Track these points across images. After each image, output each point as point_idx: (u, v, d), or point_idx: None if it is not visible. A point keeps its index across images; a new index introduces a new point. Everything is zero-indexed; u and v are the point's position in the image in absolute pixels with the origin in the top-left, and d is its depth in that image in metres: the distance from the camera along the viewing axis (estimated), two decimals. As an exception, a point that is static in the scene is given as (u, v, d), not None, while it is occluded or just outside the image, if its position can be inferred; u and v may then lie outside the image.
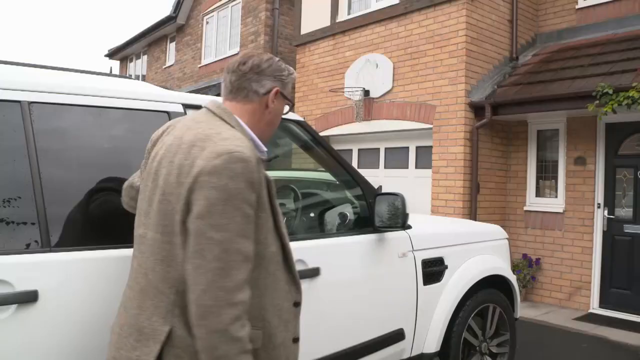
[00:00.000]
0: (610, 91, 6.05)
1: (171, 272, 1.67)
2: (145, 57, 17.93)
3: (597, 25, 7.81)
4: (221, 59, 13.20)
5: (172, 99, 2.60)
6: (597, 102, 6.16)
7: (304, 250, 2.71)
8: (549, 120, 7.56)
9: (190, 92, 3.53)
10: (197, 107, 2.66)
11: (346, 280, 2.95)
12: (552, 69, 7.44)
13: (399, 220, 3.06)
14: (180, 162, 1.65)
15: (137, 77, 17.58)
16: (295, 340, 1.87)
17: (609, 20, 7.70)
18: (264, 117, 1.88)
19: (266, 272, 1.73)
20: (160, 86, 2.79)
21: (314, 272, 2.72)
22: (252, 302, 1.64)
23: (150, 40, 16.99)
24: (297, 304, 1.88)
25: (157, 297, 1.69)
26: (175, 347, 1.64)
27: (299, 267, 2.54)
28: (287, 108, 1.97)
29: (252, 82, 1.83)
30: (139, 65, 18.54)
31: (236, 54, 10.70)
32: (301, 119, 3.15)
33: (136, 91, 2.51)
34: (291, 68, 1.97)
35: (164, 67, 16.37)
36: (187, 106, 2.61)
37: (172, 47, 16.07)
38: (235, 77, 1.85)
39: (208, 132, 1.70)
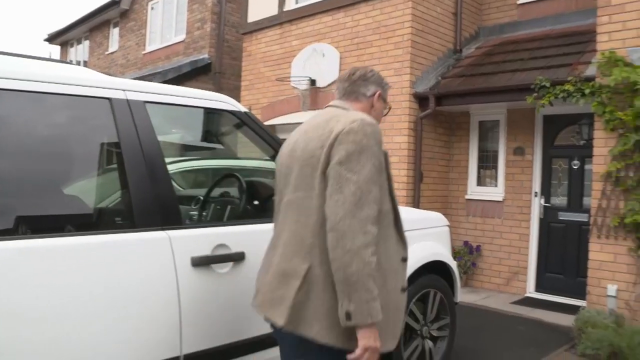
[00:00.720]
0: (548, 84, 6.29)
1: (310, 219, 2.07)
2: (87, 43, 17.41)
3: (537, 20, 8.08)
4: (166, 46, 12.97)
5: (114, 85, 2.57)
6: (536, 94, 6.39)
7: (228, 236, 2.74)
8: (490, 111, 7.78)
9: (134, 79, 3.48)
10: (140, 93, 2.65)
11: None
12: (494, 61, 7.65)
13: None
14: (319, 133, 2.11)
15: (78, 63, 17.06)
16: (403, 289, 2.23)
17: (548, 17, 7.97)
18: (370, 115, 2.27)
19: (380, 225, 2.04)
20: (102, 72, 2.75)
21: (239, 257, 2.74)
22: None
23: (93, 25, 16.50)
24: (404, 260, 2.26)
25: (297, 243, 2.10)
26: (307, 283, 2.03)
27: (222, 251, 2.60)
28: (386, 110, 2.49)
29: (361, 87, 2.35)
30: (80, 51, 18.00)
31: (182, 41, 10.47)
32: (245, 109, 3.16)
33: (77, 77, 2.48)
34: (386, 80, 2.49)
35: (106, 53, 15.95)
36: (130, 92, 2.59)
37: (115, 32, 15.66)
38: (347, 83, 2.36)
39: (338, 112, 2.22)
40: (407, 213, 4.46)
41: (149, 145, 2.58)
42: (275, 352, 2.87)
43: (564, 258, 7.10)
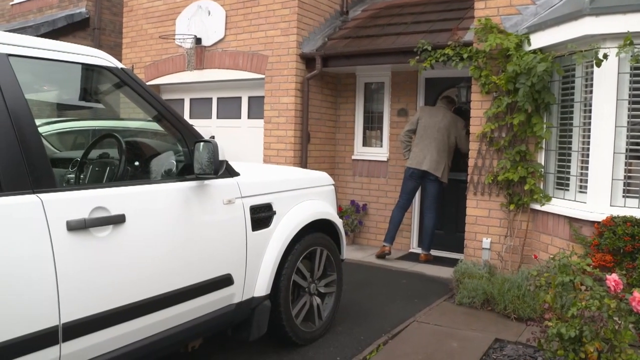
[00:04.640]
0: (429, 48, 6.49)
1: (446, 147, 6.84)
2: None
3: (419, -16, 8.27)
4: (38, -2, 12.00)
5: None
6: (418, 57, 6.58)
7: (107, 198, 2.63)
8: (376, 73, 7.94)
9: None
10: (1, 45, 2.44)
11: (156, 227, 2.87)
12: (379, 24, 7.78)
13: (213, 167, 3.03)
14: (449, 121, 6.86)
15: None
16: None
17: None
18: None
19: None
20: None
21: (118, 219, 2.64)
22: None
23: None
24: None
25: (443, 152, 6.84)
26: (445, 165, 6.92)
27: (101, 214, 2.51)
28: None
29: (450, 103, 7.09)
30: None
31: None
32: (122, 65, 2.99)
33: None
34: None
35: (-32, 3, 14.51)
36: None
37: (-22, -19, 14.24)
38: (446, 101, 7.09)
39: (453, 114, 6.96)
40: (293, 173, 4.50)
41: (15, 103, 2.37)
42: (153, 318, 2.82)
43: (444, 215, 7.48)
